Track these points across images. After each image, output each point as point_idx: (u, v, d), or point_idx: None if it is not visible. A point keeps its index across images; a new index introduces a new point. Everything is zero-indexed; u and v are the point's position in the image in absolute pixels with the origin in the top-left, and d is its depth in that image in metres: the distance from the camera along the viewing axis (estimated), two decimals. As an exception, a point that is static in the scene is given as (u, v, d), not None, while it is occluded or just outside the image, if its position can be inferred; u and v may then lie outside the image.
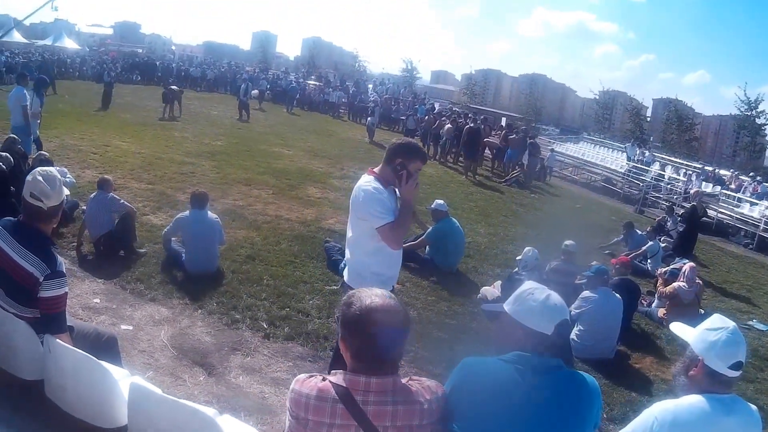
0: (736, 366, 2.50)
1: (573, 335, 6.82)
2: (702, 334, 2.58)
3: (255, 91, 35.84)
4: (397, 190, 3.99)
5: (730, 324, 2.58)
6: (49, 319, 3.41)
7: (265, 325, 6.19)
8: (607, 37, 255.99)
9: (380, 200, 3.85)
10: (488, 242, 11.25)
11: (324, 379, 2.18)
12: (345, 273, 4.28)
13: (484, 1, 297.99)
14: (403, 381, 2.21)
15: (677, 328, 2.80)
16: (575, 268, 8.24)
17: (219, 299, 6.68)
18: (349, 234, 4.23)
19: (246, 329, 6.06)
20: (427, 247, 9.09)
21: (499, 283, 8.17)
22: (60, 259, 3.47)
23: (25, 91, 11.33)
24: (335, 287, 7.18)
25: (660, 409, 2.53)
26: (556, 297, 2.35)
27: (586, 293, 7.08)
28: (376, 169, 4.06)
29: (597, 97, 62.86)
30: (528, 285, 2.43)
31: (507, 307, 2.40)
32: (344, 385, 2.13)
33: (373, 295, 2.17)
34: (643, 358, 7.22)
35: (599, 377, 5.99)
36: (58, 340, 3.34)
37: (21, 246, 3.37)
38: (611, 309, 6.89)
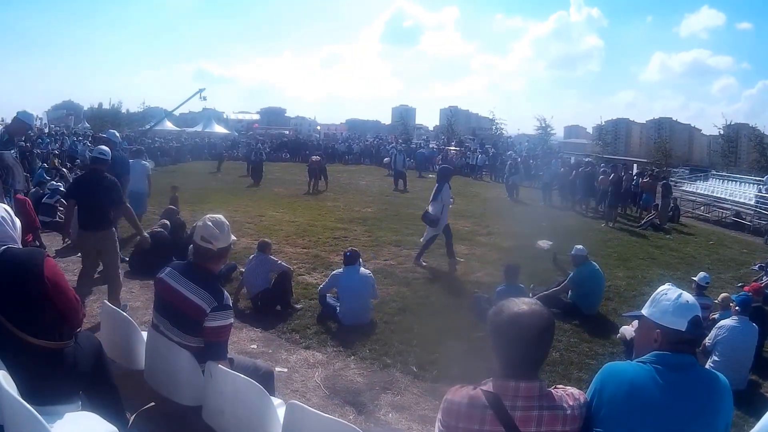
0: None
1: (708, 365, 6.57)
2: None
3: (386, 159, 36.79)
4: None
5: None
6: (213, 347, 3.65)
7: (414, 368, 6.29)
8: (723, 71, 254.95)
9: None
10: (627, 285, 10.91)
11: (475, 388, 2.29)
12: None
13: (605, 57, 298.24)
14: (548, 389, 2.28)
15: None
16: (708, 301, 8.02)
17: (371, 346, 6.87)
18: None
19: (397, 372, 6.19)
20: (569, 291, 8.99)
21: (636, 322, 7.84)
22: (226, 294, 3.73)
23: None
24: (482, 334, 7.16)
25: None
26: (687, 296, 2.44)
27: (722, 322, 6.81)
28: None
29: (722, 132, 59.68)
30: (663, 287, 2.52)
31: (644, 310, 2.51)
32: (494, 391, 2.23)
33: (521, 303, 2.30)
34: (777, 386, 6.74)
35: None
36: (219, 365, 3.56)
37: (191, 283, 3.69)
38: (747, 338, 6.63)
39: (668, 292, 2.45)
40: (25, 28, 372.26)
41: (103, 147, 7.68)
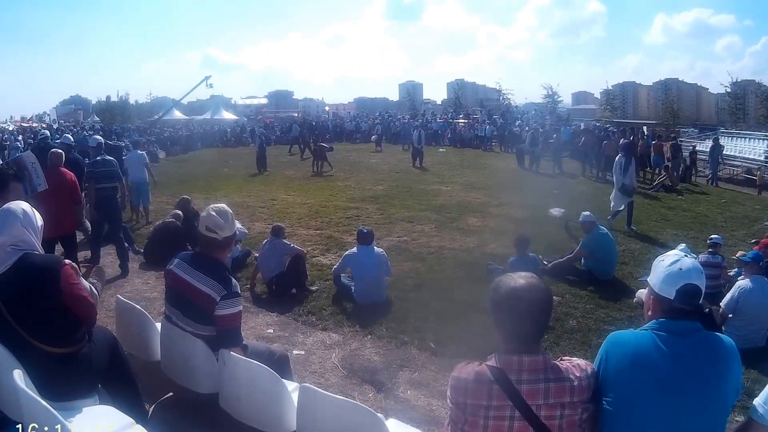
0: None
1: (728, 324, 6.69)
2: None
3: (374, 136, 37.48)
4: None
5: None
6: (225, 335, 3.66)
7: (432, 345, 6.31)
8: (726, 29, 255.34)
9: None
10: (641, 248, 10.98)
11: (480, 364, 2.28)
12: None
13: (608, 21, 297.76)
14: (554, 361, 2.28)
15: None
16: (719, 259, 8.18)
17: (388, 324, 6.89)
18: None
19: (414, 349, 6.20)
20: (583, 258, 9.05)
21: (648, 286, 7.91)
22: (234, 281, 3.73)
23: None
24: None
25: None
26: (686, 262, 2.34)
27: (740, 282, 6.85)
28: None
29: (728, 90, 59.17)
30: (669, 252, 2.46)
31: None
32: (498, 366, 2.22)
33: (518, 278, 2.28)
34: (796, 342, 6.73)
35: (751, 366, 5.78)
36: (232, 353, 3.58)
37: (199, 273, 3.69)
38: (764, 295, 6.62)
39: (666, 257, 2.39)
40: (27, 25, 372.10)
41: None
